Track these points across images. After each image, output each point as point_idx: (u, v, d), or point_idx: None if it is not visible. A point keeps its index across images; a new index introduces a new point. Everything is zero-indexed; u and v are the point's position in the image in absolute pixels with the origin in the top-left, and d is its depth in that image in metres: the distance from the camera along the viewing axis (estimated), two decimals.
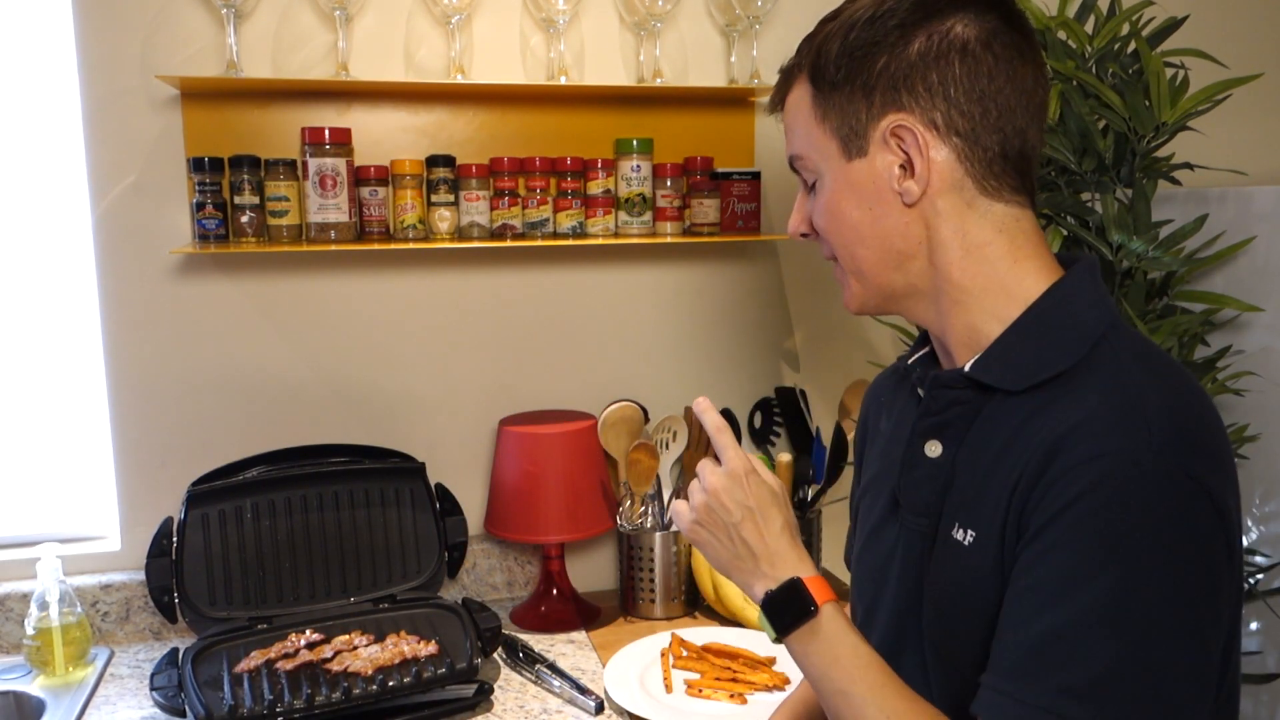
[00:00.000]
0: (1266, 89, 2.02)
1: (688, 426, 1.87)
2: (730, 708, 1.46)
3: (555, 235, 1.76)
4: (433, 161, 1.69)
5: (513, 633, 1.71)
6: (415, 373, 1.82)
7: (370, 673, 1.45)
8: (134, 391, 1.70)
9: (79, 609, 1.58)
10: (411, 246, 1.68)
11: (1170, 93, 1.53)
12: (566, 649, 1.68)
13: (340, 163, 1.61)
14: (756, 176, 1.82)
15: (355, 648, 1.53)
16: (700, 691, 1.49)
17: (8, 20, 1.63)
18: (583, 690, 1.49)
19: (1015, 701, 0.78)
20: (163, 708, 1.42)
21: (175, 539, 1.61)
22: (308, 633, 1.56)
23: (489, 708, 1.48)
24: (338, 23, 1.65)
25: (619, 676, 1.53)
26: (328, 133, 1.60)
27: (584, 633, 1.74)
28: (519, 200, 1.73)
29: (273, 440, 1.75)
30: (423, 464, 1.75)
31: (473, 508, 1.85)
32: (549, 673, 1.55)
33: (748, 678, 1.52)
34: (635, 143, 1.77)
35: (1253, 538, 1.70)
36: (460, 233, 1.71)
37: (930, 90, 0.86)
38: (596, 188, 1.76)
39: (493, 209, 1.72)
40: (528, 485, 1.75)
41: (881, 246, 0.91)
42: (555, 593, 1.81)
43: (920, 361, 0.99)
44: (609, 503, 1.82)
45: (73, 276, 1.70)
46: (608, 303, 1.90)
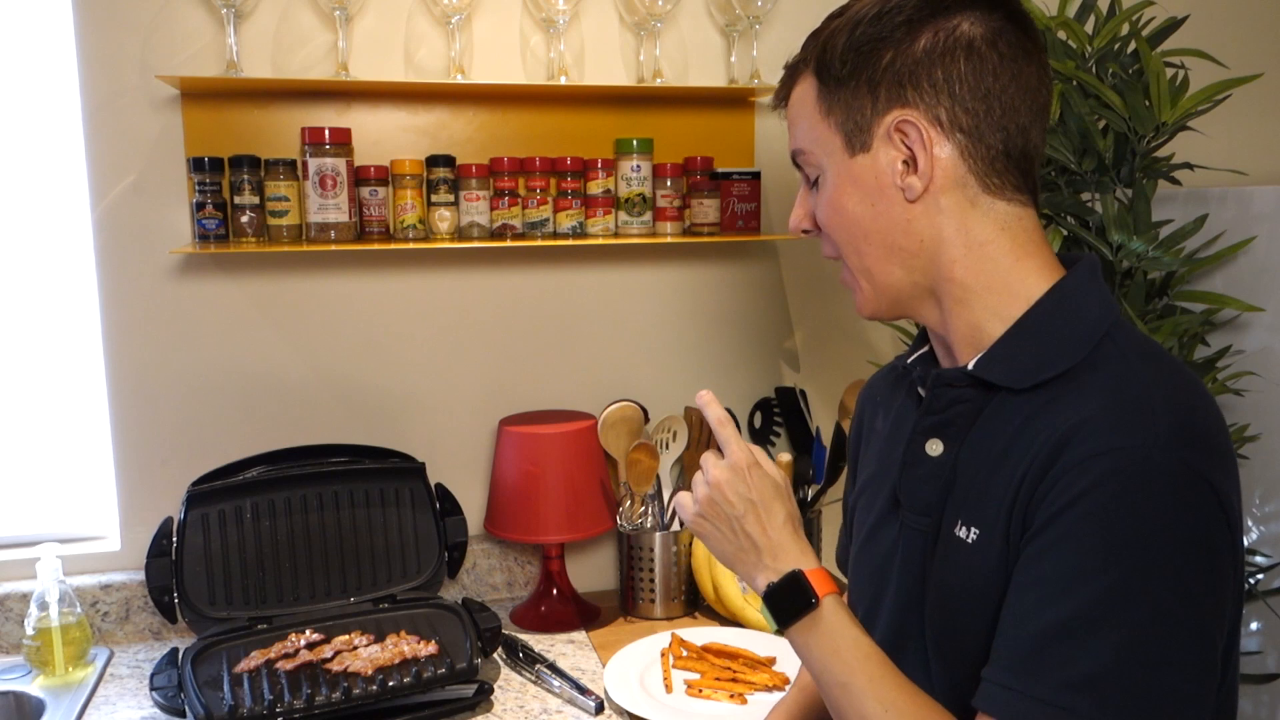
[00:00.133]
0: (1266, 89, 2.02)
1: (688, 426, 1.87)
2: (730, 708, 1.46)
3: (555, 235, 1.76)
4: (433, 161, 1.69)
5: (513, 633, 1.71)
6: (415, 373, 1.82)
7: (370, 673, 1.45)
8: (134, 391, 1.70)
9: (79, 609, 1.58)
10: (411, 246, 1.68)
11: (1170, 93, 1.53)
12: (566, 649, 1.68)
13: (340, 163, 1.61)
14: (756, 176, 1.82)
15: (355, 648, 1.52)
16: (700, 691, 1.49)
17: (8, 20, 1.63)
18: (583, 690, 1.49)
19: (1018, 695, 0.78)
20: (162, 708, 1.42)
21: (175, 539, 1.61)
22: (308, 633, 1.56)
23: (489, 708, 1.48)
24: (338, 23, 1.65)
25: (619, 676, 1.53)
26: (328, 133, 1.60)
27: (584, 633, 1.74)
28: (519, 200, 1.73)
29: (273, 440, 1.75)
30: (423, 464, 1.75)
31: (473, 508, 1.85)
32: (549, 673, 1.55)
33: (748, 678, 1.52)
34: (635, 143, 1.77)
35: (1253, 538, 1.70)
36: (460, 233, 1.71)
37: (935, 87, 0.86)
38: (596, 188, 1.76)
39: (493, 209, 1.72)
40: (528, 485, 1.75)
41: (883, 242, 0.91)
42: (555, 593, 1.80)
43: (919, 361, 0.99)
44: (609, 503, 1.82)
45: (73, 276, 1.70)
46: (608, 303, 1.90)
